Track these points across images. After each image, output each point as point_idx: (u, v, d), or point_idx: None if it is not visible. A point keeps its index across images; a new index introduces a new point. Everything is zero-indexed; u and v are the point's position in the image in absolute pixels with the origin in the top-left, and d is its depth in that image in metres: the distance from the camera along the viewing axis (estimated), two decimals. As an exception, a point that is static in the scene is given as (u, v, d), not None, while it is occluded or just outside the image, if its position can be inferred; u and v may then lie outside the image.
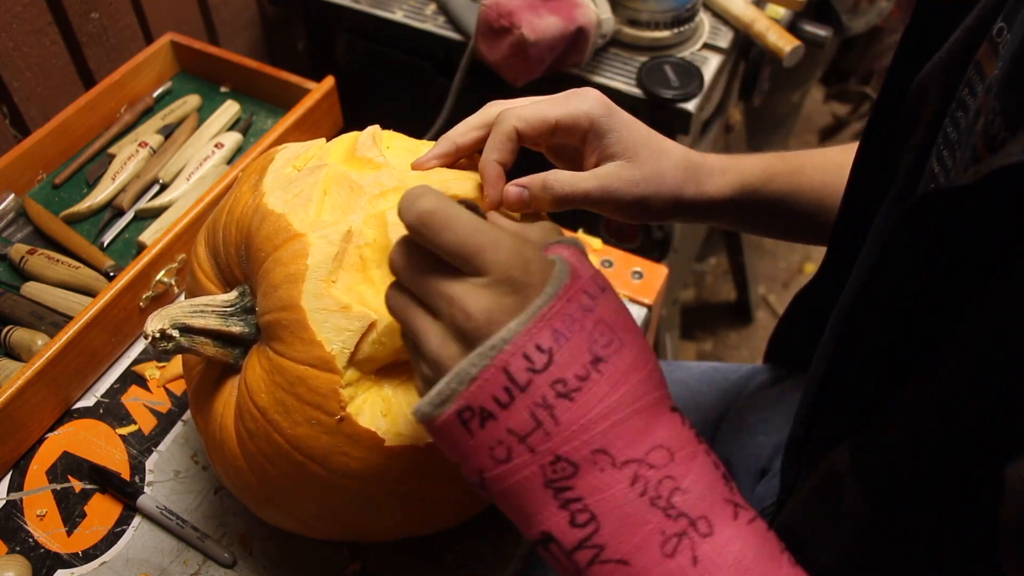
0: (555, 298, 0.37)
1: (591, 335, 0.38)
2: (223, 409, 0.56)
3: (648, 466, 0.37)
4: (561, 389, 0.37)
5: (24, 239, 0.83)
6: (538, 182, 0.51)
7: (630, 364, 0.38)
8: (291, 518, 0.56)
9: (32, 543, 0.65)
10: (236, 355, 0.56)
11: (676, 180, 0.54)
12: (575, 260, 0.40)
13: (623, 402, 0.38)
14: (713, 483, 0.38)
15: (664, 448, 0.38)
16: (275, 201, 0.53)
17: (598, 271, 0.41)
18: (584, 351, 0.37)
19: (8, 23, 0.88)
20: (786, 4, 1.09)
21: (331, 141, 0.59)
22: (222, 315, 0.55)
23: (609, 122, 0.52)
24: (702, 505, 0.37)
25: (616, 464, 0.37)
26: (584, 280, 0.39)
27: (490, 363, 0.37)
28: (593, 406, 0.37)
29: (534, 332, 0.37)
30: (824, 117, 2.16)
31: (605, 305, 0.39)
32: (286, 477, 0.52)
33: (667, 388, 0.41)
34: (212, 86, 0.99)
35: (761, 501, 0.70)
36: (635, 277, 0.83)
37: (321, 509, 0.54)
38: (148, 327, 0.52)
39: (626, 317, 0.40)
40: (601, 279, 0.41)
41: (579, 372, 0.37)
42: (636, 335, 0.40)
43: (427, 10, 1.07)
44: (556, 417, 0.37)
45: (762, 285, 1.82)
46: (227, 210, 0.57)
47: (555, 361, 0.37)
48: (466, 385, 0.37)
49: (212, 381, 0.58)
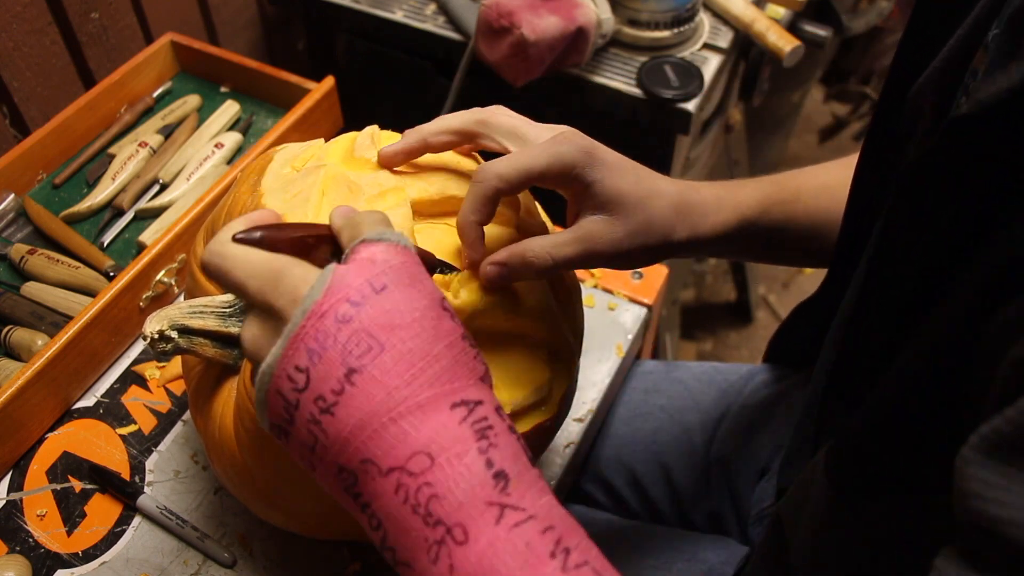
0: (306, 316, 0.38)
1: (345, 347, 0.38)
2: (222, 409, 0.56)
3: (408, 473, 0.37)
4: (323, 405, 0.38)
5: (24, 239, 0.83)
6: (517, 258, 0.49)
7: (387, 370, 0.38)
8: (291, 518, 0.56)
9: (32, 543, 0.65)
10: (235, 356, 0.56)
11: (666, 226, 0.52)
12: (352, 267, 0.39)
13: (380, 411, 0.37)
14: (476, 486, 0.37)
15: (424, 453, 0.37)
16: (274, 201, 0.53)
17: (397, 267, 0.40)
18: (337, 365, 0.37)
19: (8, 23, 0.88)
20: (786, 4, 1.09)
21: (330, 142, 0.59)
22: (221, 316, 0.55)
23: (591, 172, 0.49)
24: (459, 512, 0.36)
25: (382, 472, 0.37)
26: (350, 289, 0.38)
27: (267, 388, 0.39)
28: (350, 418, 0.37)
29: (290, 355, 0.38)
30: (824, 117, 2.16)
31: (372, 309, 0.38)
32: (285, 477, 0.52)
33: (465, 375, 0.39)
34: (212, 86, 0.99)
35: (760, 501, 0.70)
36: (635, 277, 0.83)
37: (321, 508, 0.54)
38: (147, 328, 0.52)
39: (403, 314, 0.39)
40: (386, 277, 0.39)
41: (334, 387, 0.37)
42: (410, 335, 0.38)
43: (427, 10, 1.07)
44: (324, 431, 0.38)
45: (762, 285, 1.82)
46: (226, 210, 0.57)
47: (312, 378, 0.38)
48: (263, 407, 0.40)
49: (212, 381, 0.58)
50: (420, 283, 0.40)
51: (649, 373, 0.85)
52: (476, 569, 0.35)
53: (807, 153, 2.08)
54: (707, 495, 0.76)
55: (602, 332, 0.79)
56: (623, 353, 0.78)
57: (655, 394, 0.82)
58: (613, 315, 0.81)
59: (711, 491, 0.76)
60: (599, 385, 0.76)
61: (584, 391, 0.75)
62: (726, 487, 0.75)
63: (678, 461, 0.77)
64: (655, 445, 0.79)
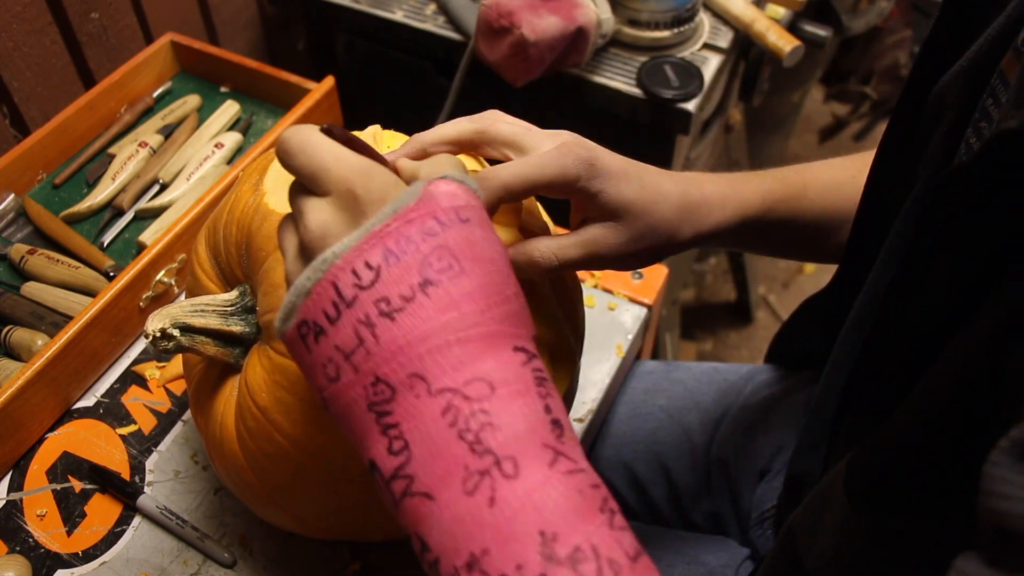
0: (392, 217, 0.37)
1: (426, 258, 0.37)
2: (224, 408, 0.56)
3: (463, 397, 0.36)
4: (384, 308, 0.36)
5: (24, 239, 0.83)
6: (524, 257, 0.50)
7: (465, 292, 0.37)
8: (292, 518, 0.56)
9: (32, 543, 0.65)
10: (236, 354, 0.56)
11: (670, 228, 0.52)
12: (442, 191, 0.38)
13: (447, 328, 0.36)
14: (535, 426, 0.36)
15: (485, 381, 0.36)
16: (276, 200, 0.53)
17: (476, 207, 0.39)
18: (414, 272, 0.36)
19: (8, 23, 0.88)
20: (786, 4, 1.09)
21: None
22: (223, 314, 0.55)
23: (595, 184, 0.49)
24: (513, 445, 0.35)
25: (431, 391, 0.36)
26: (439, 208, 0.38)
27: (322, 277, 0.37)
28: (413, 328, 0.36)
29: (365, 249, 0.36)
30: (824, 117, 2.16)
31: (457, 233, 0.38)
32: (287, 476, 0.52)
33: (526, 329, 0.39)
34: (212, 86, 0.99)
35: (762, 503, 0.70)
36: (635, 277, 0.83)
37: (322, 508, 0.54)
38: (149, 326, 0.52)
39: (484, 249, 0.38)
40: (470, 213, 0.39)
41: (404, 292, 0.36)
42: (489, 269, 0.38)
43: (427, 10, 1.07)
44: (377, 335, 0.36)
45: (762, 285, 1.82)
46: (228, 209, 0.57)
47: (381, 279, 0.36)
48: (302, 299, 0.37)
49: (212, 381, 0.58)
50: (494, 230, 0.40)
51: (649, 373, 0.85)
52: (522, 504, 0.34)
53: (807, 153, 2.08)
54: (707, 495, 0.76)
55: (602, 332, 0.79)
56: (623, 353, 0.78)
57: (655, 394, 0.82)
58: (613, 315, 0.81)
59: (711, 491, 0.76)
60: (599, 385, 0.76)
61: (584, 391, 0.75)
62: (726, 487, 0.75)
63: (678, 461, 0.77)
64: (655, 445, 0.79)
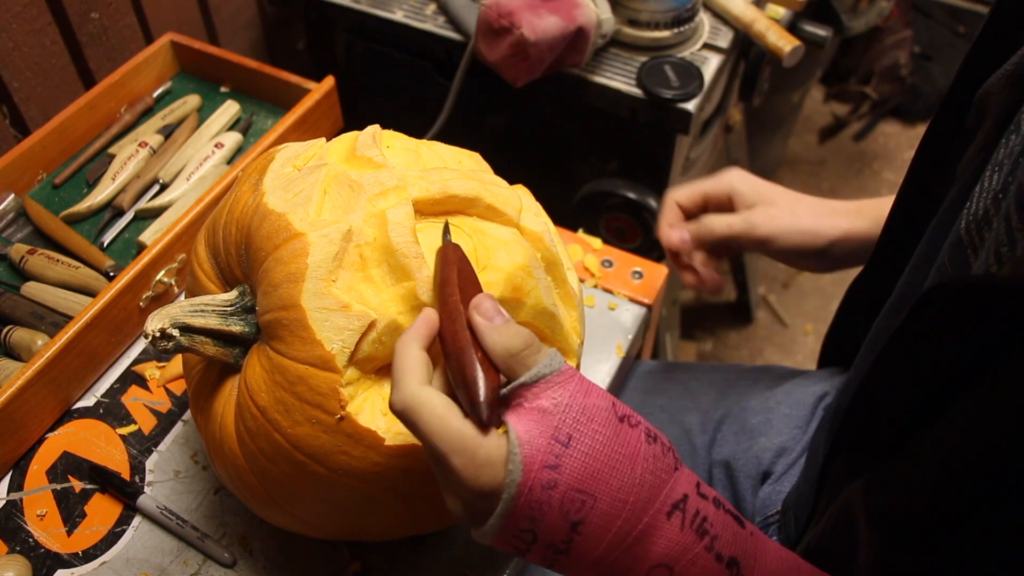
0: (514, 499, 0.41)
1: (561, 508, 0.41)
2: (223, 408, 0.56)
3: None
4: (555, 550, 0.42)
5: (24, 239, 0.83)
6: (695, 226, 0.70)
7: (607, 514, 0.41)
8: (291, 518, 0.56)
9: (32, 543, 0.65)
10: (236, 354, 0.56)
11: (811, 215, 0.68)
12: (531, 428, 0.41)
13: (611, 547, 0.42)
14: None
15: (663, 566, 0.42)
16: (275, 200, 0.53)
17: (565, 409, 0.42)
18: (560, 523, 0.41)
19: (8, 23, 0.88)
20: (786, 4, 1.09)
21: (331, 141, 0.59)
22: (222, 314, 0.55)
23: (748, 186, 0.69)
24: None
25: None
26: (540, 454, 0.41)
27: (493, 541, 0.43)
28: (585, 556, 0.42)
29: (509, 526, 0.42)
30: (824, 117, 2.16)
31: (570, 465, 0.41)
32: (286, 476, 0.52)
33: (665, 483, 0.43)
34: (212, 86, 0.99)
35: (764, 507, 0.70)
36: (635, 277, 0.83)
37: (322, 508, 0.54)
38: (148, 326, 0.52)
39: (596, 458, 0.42)
40: (565, 428, 0.42)
41: (563, 538, 0.42)
42: (611, 475, 0.42)
43: (427, 10, 1.07)
44: (563, 563, 0.43)
45: (762, 285, 1.82)
46: (227, 209, 0.57)
47: (539, 537, 0.42)
48: (488, 540, 0.43)
49: (212, 380, 0.58)
50: (591, 407, 0.43)
51: (649, 373, 0.84)
52: None
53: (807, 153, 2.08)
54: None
55: (602, 332, 0.79)
56: (623, 353, 0.78)
57: (655, 394, 0.82)
58: (613, 315, 0.81)
59: (713, 493, 0.76)
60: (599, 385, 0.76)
61: (584, 391, 0.75)
62: (728, 489, 0.75)
63: (679, 462, 0.77)
64: (656, 445, 0.78)
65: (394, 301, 0.50)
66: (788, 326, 1.75)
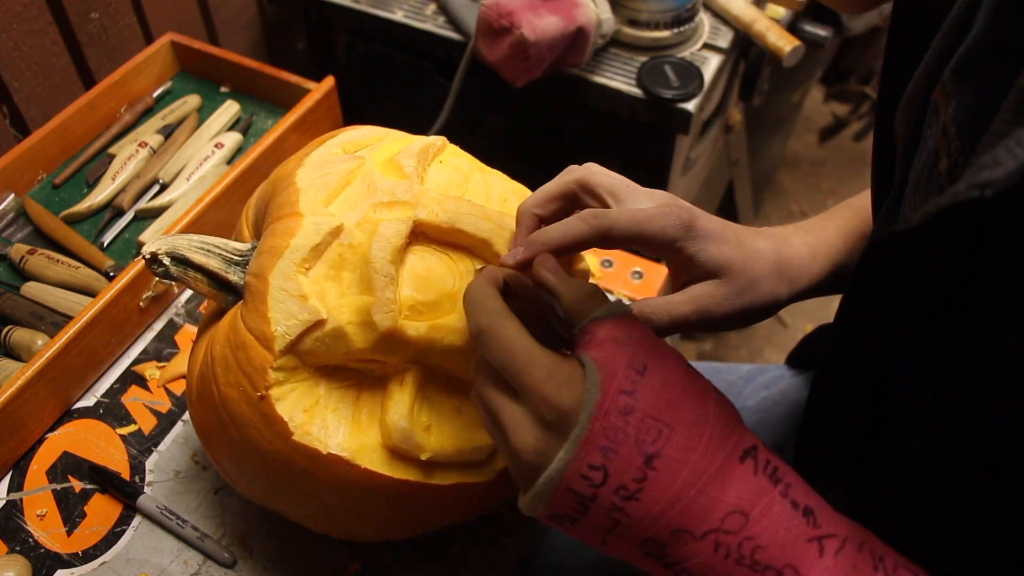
0: (592, 419, 0.39)
1: (637, 437, 0.39)
2: (203, 343, 0.57)
3: (725, 532, 0.39)
4: (625, 493, 0.39)
5: (24, 239, 0.83)
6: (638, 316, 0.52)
7: (684, 447, 0.39)
8: (219, 465, 0.58)
9: (32, 543, 0.65)
10: (229, 301, 0.56)
11: (770, 285, 0.53)
12: (607, 354, 0.40)
13: (687, 487, 0.39)
14: (792, 527, 0.39)
15: (737, 512, 0.39)
16: (304, 176, 0.54)
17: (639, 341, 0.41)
18: (634, 455, 0.39)
19: (8, 23, 0.88)
20: (786, 4, 1.09)
21: (392, 138, 0.59)
22: (227, 260, 0.55)
23: (692, 245, 0.50)
24: (785, 554, 0.39)
25: (696, 537, 0.39)
26: (618, 379, 0.39)
27: (555, 490, 0.40)
28: (658, 500, 0.39)
29: (582, 456, 0.39)
30: (824, 117, 2.16)
31: (646, 393, 0.40)
32: (212, 427, 0.54)
33: (736, 429, 0.41)
34: (212, 86, 0.99)
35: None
36: (635, 277, 0.83)
37: (237, 469, 0.56)
38: (145, 248, 0.54)
39: (671, 383, 0.40)
40: (640, 357, 0.40)
41: (635, 475, 0.39)
42: (686, 403, 0.40)
43: (427, 10, 1.07)
44: (629, 515, 0.40)
45: (762, 285, 1.82)
46: (273, 178, 0.58)
47: (611, 474, 0.39)
48: (544, 504, 0.41)
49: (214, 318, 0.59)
50: (663, 347, 0.42)
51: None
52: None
53: (807, 153, 2.09)
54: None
55: (602, 332, 0.79)
56: (623, 353, 0.78)
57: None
58: (613, 315, 0.81)
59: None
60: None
61: (584, 391, 0.75)
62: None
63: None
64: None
65: (350, 309, 0.50)
66: (788, 326, 1.75)
